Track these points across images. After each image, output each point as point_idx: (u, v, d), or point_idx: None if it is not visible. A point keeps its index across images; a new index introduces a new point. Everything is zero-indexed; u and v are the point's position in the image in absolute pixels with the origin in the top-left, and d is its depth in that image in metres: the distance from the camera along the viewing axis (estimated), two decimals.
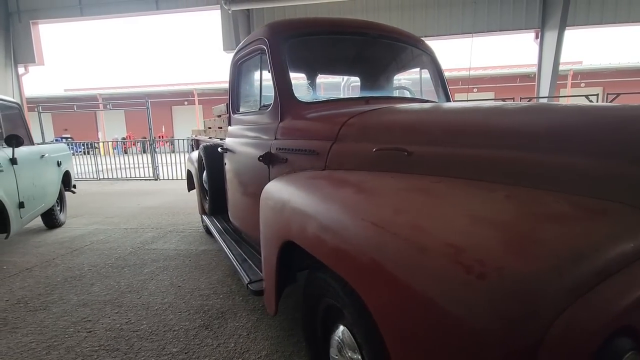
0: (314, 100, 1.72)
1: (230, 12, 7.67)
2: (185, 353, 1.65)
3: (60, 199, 4.13)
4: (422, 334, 0.63)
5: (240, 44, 2.14)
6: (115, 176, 9.06)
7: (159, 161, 8.90)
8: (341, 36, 1.83)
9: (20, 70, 9.59)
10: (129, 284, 2.46)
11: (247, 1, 7.91)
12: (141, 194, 6.56)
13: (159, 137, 16.84)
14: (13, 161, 2.68)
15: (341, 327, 1.10)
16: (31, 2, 9.18)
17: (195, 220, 4.26)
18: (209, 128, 3.64)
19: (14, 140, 2.62)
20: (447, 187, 0.89)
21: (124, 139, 19.10)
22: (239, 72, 2.20)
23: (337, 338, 1.09)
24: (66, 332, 1.85)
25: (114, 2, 8.86)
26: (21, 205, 2.76)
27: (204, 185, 2.84)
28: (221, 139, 3.10)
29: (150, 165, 8.82)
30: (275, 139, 1.66)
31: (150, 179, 8.73)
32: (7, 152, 2.66)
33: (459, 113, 1.18)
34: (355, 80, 2.46)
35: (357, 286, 0.81)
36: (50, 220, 3.92)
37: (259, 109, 1.89)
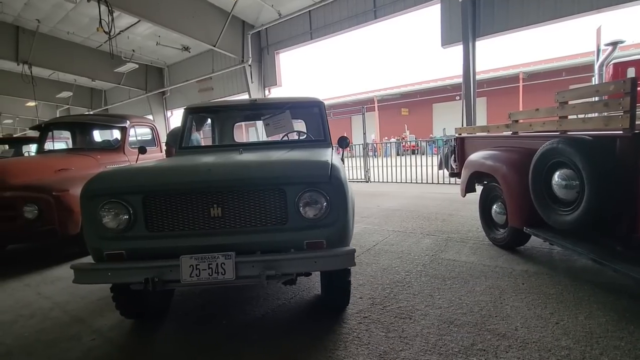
0: None
1: (460, 1, 7.03)
2: None
3: None
4: None
5: None
6: None
7: (370, 164, 9.23)
8: None
9: (266, 92, 12.22)
10: (477, 304, 2.07)
11: None
12: (368, 195, 6.74)
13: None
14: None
15: None
16: (275, 36, 11.47)
17: (461, 229, 3.75)
18: (515, 121, 3.01)
19: (344, 142, 2.77)
20: None
21: None
22: None
23: None
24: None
25: (338, 21, 9.84)
26: None
27: (555, 191, 2.20)
28: (564, 132, 2.39)
29: (362, 167, 9.28)
30: None
31: (362, 181, 9.16)
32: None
33: None
34: None
35: None
36: None
37: None
